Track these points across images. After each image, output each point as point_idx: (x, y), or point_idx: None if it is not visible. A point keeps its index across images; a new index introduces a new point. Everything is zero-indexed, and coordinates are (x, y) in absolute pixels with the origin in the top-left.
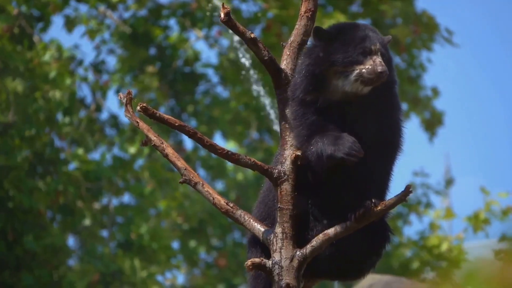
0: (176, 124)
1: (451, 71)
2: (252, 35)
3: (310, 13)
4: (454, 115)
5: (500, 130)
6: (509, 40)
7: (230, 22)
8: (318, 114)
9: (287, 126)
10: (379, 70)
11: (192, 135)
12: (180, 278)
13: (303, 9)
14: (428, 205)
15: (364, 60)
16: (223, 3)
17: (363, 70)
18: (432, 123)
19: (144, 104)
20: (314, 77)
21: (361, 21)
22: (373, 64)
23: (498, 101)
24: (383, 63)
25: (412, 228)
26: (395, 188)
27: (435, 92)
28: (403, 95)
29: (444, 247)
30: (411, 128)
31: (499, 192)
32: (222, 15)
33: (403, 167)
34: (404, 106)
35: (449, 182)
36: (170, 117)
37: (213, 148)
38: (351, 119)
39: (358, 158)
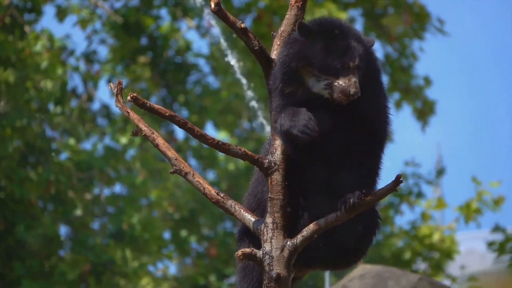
0: (167, 114)
1: (443, 60)
2: (243, 25)
3: (301, 2)
4: (445, 104)
5: (491, 119)
6: (500, 27)
7: (220, 12)
8: (299, 104)
9: None
10: (351, 92)
11: (182, 125)
12: (172, 268)
13: None
14: (420, 195)
15: (339, 75)
16: None
17: (335, 84)
18: (424, 112)
19: (135, 94)
20: (290, 69)
21: (352, 11)
22: (348, 83)
23: (490, 91)
24: (357, 84)
25: (404, 218)
26: (386, 178)
27: (427, 81)
28: (395, 84)
29: (436, 237)
30: (403, 118)
31: (490, 181)
32: (213, 5)
33: (394, 157)
34: (396, 95)
35: (440, 171)
36: (160, 107)
37: (203, 138)
38: (334, 109)
39: (313, 137)
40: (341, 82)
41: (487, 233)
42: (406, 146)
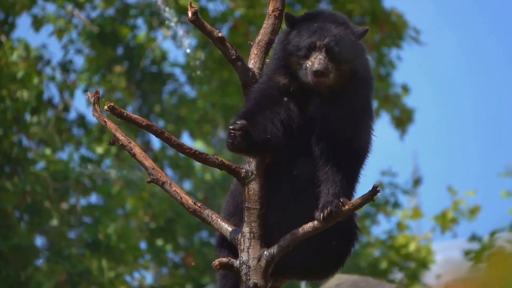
0: (144, 124)
1: (421, 68)
2: (220, 34)
3: (278, 12)
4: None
5: (467, 128)
6: (478, 37)
7: (197, 21)
8: (281, 92)
9: None
10: (314, 69)
11: (159, 134)
12: (148, 278)
13: (270, 8)
14: (396, 204)
15: (309, 55)
16: (190, 2)
17: (307, 65)
18: (402, 121)
19: (112, 104)
20: (280, 61)
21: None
22: (313, 61)
23: (467, 100)
24: (322, 61)
25: (380, 228)
26: (363, 188)
27: (405, 89)
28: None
29: (412, 247)
30: (380, 126)
31: (466, 191)
32: (190, 14)
33: (371, 167)
34: (374, 103)
35: (417, 181)
36: (137, 116)
37: (180, 147)
38: (317, 112)
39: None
40: (309, 62)
41: (463, 242)
42: (383, 155)
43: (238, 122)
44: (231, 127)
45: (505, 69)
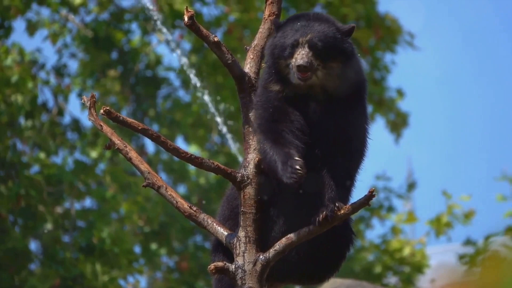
0: (140, 128)
1: (416, 72)
2: (216, 39)
3: (274, 16)
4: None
5: (461, 132)
6: (473, 41)
7: (194, 26)
8: (282, 101)
9: (250, 130)
10: (297, 64)
11: (155, 138)
12: (143, 282)
13: (266, 12)
14: (390, 208)
15: (293, 53)
16: (186, 7)
17: (292, 64)
18: (397, 125)
19: (108, 108)
20: (271, 69)
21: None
22: (296, 57)
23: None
24: (305, 56)
25: (374, 232)
26: (358, 192)
27: (400, 93)
28: (368, 97)
29: (406, 251)
30: (375, 130)
31: (461, 195)
32: (186, 19)
33: (365, 171)
34: (369, 108)
35: (411, 185)
36: (133, 120)
37: (176, 151)
38: (315, 117)
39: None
40: (293, 60)
41: (458, 246)
42: (378, 159)
43: (297, 159)
44: (296, 166)
45: (501, 72)
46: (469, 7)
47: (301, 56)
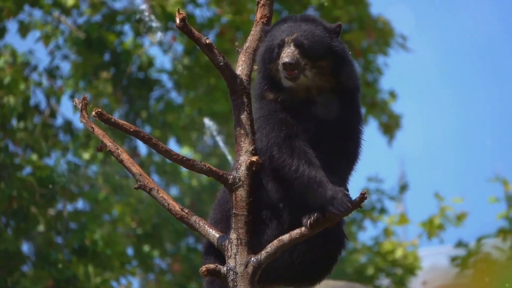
0: (131, 130)
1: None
2: (208, 41)
3: (266, 19)
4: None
5: (454, 135)
6: (466, 43)
7: (185, 28)
8: (284, 112)
9: (242, 132)
10: (282, 61)
11: (147, 140)
12: (135, 284)
13: (258, 15)
14: (383, 210)
15: (280, 53)
16: (178, 9)
17: (279, 64)
18: (390, 127)
19: (100, 110)
20: (265, 77)
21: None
22: (282, 55)
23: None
24: (290, 54)
25: (367, 234)
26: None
27: (393, 95)
28: (361, 99)
29: (399, 253)
30: (368, 132)
31: (453, 197)
32: (178, 21)
33: (358, 172)
34: (362, 110)
35: (403, 187)
36: (125, 122)
37: (168, 153)
38: (314, 120)
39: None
40: (279, 59)
41: (450, 248)
42: (370, 161)
43: (347, 193)
44: (346, 201)
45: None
46: (462, 10)
47: (286, 54)
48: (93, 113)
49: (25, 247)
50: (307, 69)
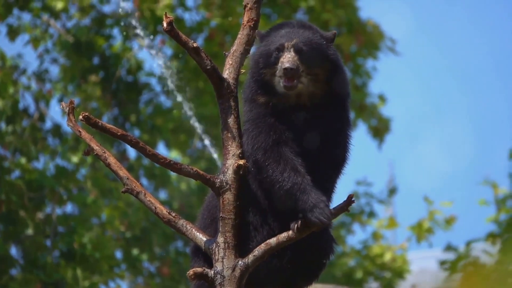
0: (119, 134)
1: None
2: (195, 45)
3: (253, 22)
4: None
5: (443, 137)
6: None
7: (173, 32)
8: (273, 116)
9: (229, 135)
10: (283, 66)
11: (134, 144)
12: (124, 287)
13: (245, 18)
14: (372, 214)
15: (279, 58)
16: (165, 12)
17: (277, 69)
18: (379, 130)
19: (87, 114)
20: (257, 81)
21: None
22: (282, 60)
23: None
24: (291, 59)
25: (355, 238)
26: (339, 197)
27: (382, 99)
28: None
29: (388, 256)
30: (357, 136)
31: (442, 201)
32: (165, 25)
33: (347, 176)
34: (351, 114)
35: (392, 191)
36: (112, 126)
37: (155, 157)
38: (304, 125)
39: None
40: (279, 64)
41: (439, 252)
42: (359, 165)
43: (327, 206)
44: (327, 211)
45: (482, 77)
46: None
47: (287, 59)
48: (80, 117)
49: (14, 251)
50: (303, 76)
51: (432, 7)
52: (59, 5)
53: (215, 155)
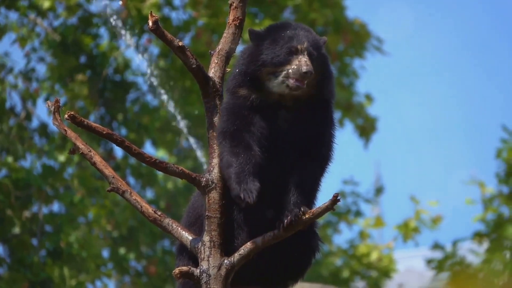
0: (104, 132)
1: (384, 77)
2: (180, 43)
3: (238, 21)
4: (385, 122)
5: (430, 137)
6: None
7: (158, 31)
8: (249, 110)
9: (215, 134)
10: (303, 70)
11: (120, 143)
12: (111, 287)
13: (231, 17)
14: (358, 213)
15: (291, 59)
16: (151, 11)
17: (289, 71)
18: (366, 129)
19: (72, 113)
20: (246, 76)
21: None
22: (298, 64)
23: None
24: (308, 63)
25: (342, 237)
26: (324, 196)
27: (369, 98)
28: (336, 103)
29: (374, 256)
30: (343, 135)
31: (428, 200)
32: (150, 23)
33: (333, 175)
34: (338, 114)
35: (379, 190)
36: (98, 125)
37: (141, 156)
38: (283, 124)
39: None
40: (293, 66)
41: (426, 251)
42: (345, 164)
43: (255, 185)
44: (251, 192)
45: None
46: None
47: (305, 63)
48: (66, 116)
49: (0, 249)
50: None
51: (432, 7)
52: (46, 4)
53: (198, 153)
